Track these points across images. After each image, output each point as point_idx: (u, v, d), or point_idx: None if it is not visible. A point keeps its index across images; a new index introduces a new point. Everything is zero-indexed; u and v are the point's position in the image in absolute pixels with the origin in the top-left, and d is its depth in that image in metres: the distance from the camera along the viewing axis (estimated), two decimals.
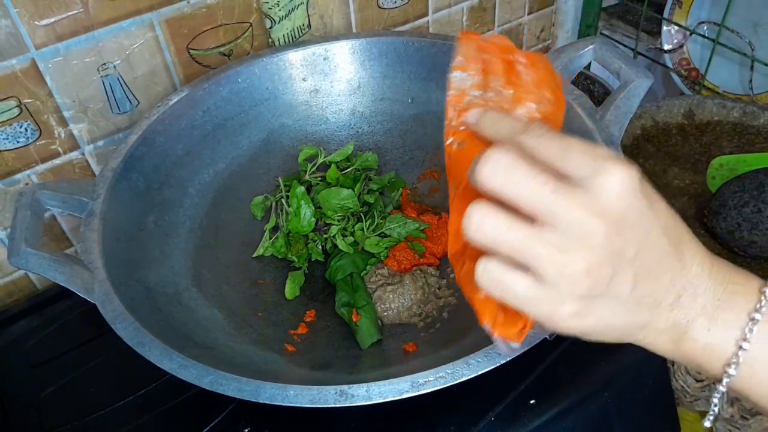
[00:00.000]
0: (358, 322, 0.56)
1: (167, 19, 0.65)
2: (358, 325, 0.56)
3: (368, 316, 0.57)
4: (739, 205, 0.66)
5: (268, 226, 0.66)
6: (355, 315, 0.57)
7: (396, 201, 0.68)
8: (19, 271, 0.71)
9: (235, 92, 0.69)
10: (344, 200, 0.65)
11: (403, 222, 0.64)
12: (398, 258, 0.62)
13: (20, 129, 0.63)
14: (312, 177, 0.69)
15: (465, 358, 0.42)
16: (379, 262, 0.63)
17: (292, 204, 0.64)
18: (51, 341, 0.65)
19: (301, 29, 0.76)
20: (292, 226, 0.64)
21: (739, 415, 0.55)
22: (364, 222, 0.64)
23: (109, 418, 0.56)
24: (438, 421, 0.51)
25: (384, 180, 0.69)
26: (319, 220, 0.65)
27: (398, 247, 0.63)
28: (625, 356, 0.56)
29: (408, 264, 0.62)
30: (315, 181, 0.68)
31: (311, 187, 0.68)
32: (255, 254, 0.65)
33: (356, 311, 0.57)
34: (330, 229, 0.65)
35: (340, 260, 0.62)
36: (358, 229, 0.64)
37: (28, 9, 0.57)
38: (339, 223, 0.65)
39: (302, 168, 0.70)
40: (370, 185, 0.69)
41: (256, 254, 0.65)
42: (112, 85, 0.66)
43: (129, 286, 0.51)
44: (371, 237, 0.63)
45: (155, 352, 0.44)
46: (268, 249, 0.65)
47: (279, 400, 0.41)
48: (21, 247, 0.50)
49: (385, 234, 0.64)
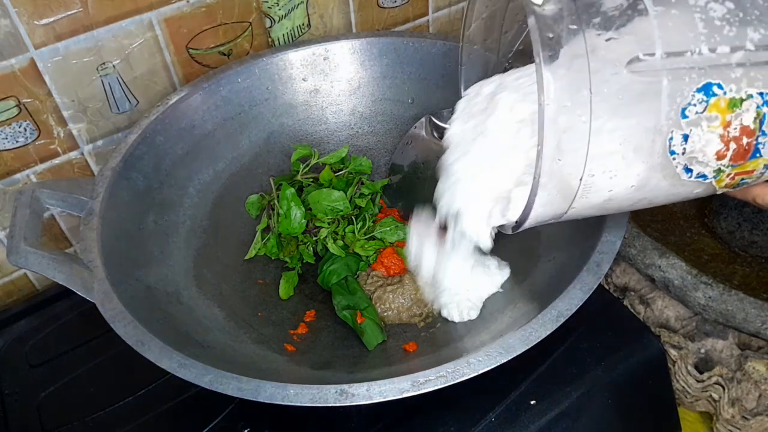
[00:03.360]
0: (362, 324, 0.56)
1: (166, 19, 0.65)
2: (363, 326, 0.56)
3: (372, 318, 0.56)
4: (740, 204, 0.66)
5: (260, 227, 0.66)
6: (360, 317, 0.56)
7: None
8: (18, 271, 0.71)
9: (235, 92, 0.69)
10: (335, 202, 0.65)
11: (394, 226, 0.63)
12: (386, 264, 0.62)
13: (19, 129, 0.63)
14: (304, 178, 0.68)
15: (465, 357, 0.42)
16: (367, 266, 0.63)
17: (282, 206, 0.64)
18: (51, 341, 0.65)
19: (300, 29, 0.76)
20: (282, 227, 0.64)
21: (740, 416, 0.55)
22: (355, 225, 0.64)
23: (109, 418, 0.56)
24: (438, 421, 0.51)
25: (377, 186, 0.69)
26: (310, 221, 0.65)
27: (386, 253, 0.63)
28: (626, 357, 0.56)
29: (397, 269, 0.62)
30: (307, 182, 0.68)
31: (303, 188, 0.68)
32: (247, 256, 0.65)
33: (360, 313, 0.57)
34: (320, 231, 0.64)
35: (332, 264, 0.61)
36: (348, 231, 0.64)
37: (27, 8, 0.57)
38: (329, 226, 0.64)
39: (294, 168, 0.70)
40: (363, 189, 0.68)
41: (248, 256, 0.65)
42: (112, 84, 0.66)
43: (128, 285, 0.51)
44: (361, 240, 0.63)
45: (155, 351, 0.44)
46: (260, 250, 0.65)
47: (279, 400, 0.41)
48: (20, 245, 0.50)
49: (375, 237, 0.64)
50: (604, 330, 0.57)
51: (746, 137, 0.39)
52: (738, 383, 0.55)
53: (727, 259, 0.64)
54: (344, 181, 0.68)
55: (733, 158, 0.40)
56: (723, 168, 0.40)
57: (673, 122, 0.38)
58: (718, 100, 0.38)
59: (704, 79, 0.38)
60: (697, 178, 0.40)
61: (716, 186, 0.41)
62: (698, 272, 0.56)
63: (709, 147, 0.39)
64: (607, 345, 0.56)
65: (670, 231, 0.66)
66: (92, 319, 0.47)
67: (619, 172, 0.39)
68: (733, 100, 0.38)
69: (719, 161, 0.40)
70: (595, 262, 0.47)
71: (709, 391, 0.56)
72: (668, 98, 0.37)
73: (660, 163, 0.39)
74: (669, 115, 0.38)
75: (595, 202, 0.40)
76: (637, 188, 0.40)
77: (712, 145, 0.39)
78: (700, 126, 0.38)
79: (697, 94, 0.38)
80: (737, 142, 0.39)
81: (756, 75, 0.38)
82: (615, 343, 0.56)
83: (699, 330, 0.58)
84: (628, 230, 0.59)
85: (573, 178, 0.38)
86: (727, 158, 0.40)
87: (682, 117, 0.38)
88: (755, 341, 0.57)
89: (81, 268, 0.49)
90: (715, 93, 0.38)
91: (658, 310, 0.60)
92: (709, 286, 0.55)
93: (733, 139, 0.39)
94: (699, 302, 0.55)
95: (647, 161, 0.39)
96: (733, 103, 0.38)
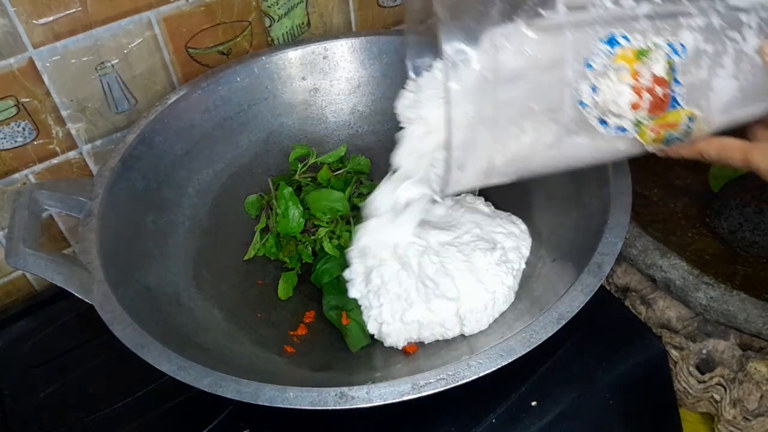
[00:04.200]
0: (347, 325, 0.55)
1: (166, 18, 0.65)
2: (348, 328, 0.55)
3: (357, 320, 0.56)
4: (741, 205, 0.65)
5: (259, 227, 0.66)
6: (345, 318, 0.56)
7: None
8: (16, 272, 0.71)
9: (234, 91, 0.68)
10: (334, 202, 0.64)
11: None
12: None
13: (18, 128, 0.62)
14: (302, 177, 0.68)
15: (466, 359, 0.41)
16: None
17: (280, 205, 0.64)
18: (50, 342, 0.65)
19: (300, 28, 0.76)
20: (281, 227, 0.64)
21: (741, 417, 0.54)
22: (352, 225, 0.64)
23: (109, 418, 0.56)
24: (439, 423, 0.51)
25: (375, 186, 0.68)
26: (308, 221, 0.65)
27: None
28: (627, 357, 0.55)
29: None
30: (305, 182, 0.68)
31: (301, 187, 0.67)
32: (246, 256, 0.64)
33: (346, 314, 0.56)
34: (318, 230, 0.64)
35: (326, 263, 0.61)
36: (345, 231, 0.64)
37: (26, 8, 0.57)
38: (328, 225, 0.64)
39: (293, 167, 0.69)
40: (361, 188, 0.68)
41: (247, 257, 0.64)
42: (110, 84, 0.66)
43: (127, 286, 0.51)
44: None
45: (154, 354, 0.44)
46: (260, 250, 0.65)
47: (279, 402, 0.40)
48: (19, 247, 0.50)
49: None
50: (605, 331, 0.57)
51: (660, 87, 0.40)
52: (739, 384, 0.55)
53: (728, 259, 0.64)
54: (342, 181, 0.68)
55: (651, 109, 0.40)
56: (642, 120, 0.41)
57: (579, 74, 0.39)
58: (625, 50, 0.39)
59: (609, 30, 0.38)
60: (617, 131, 0.41)
61: (641, 140, 0.42)
62: (700, 272, 0.55)
63: (622, 98, 0.39)
64: (608, 346, 0.56)
65: (671, 231, 0.66)
66: (91, 319, 0.47)
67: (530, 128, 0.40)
68: (641, 50, 0.39)
69: (636, 112, 0.40)
70: (596, 263, 0.46)
71: (711, 392, 0.56)
72: (573, 51, 0.39)
73: (572, 117, 0.40)
74: (575, 67, 0.39)
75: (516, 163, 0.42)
76: (555, 144, 0.41)
77: (625, 96, 0.39)
78: (608, 77, 0.39)
79: (602, 45, 0.38)
80: (651, 92, 0.40)
81: (663, 25, 0.39)
82: (616, 343, 0.56)
83: (700, 330, 0.58)
84: (630, 230, 0.59)
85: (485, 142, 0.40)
86: (643, 109, 0.40)
87: (587, 68, 0.39)
88: (757, 342, 0.57)
89: (80, 270, 0.49)
90: (621, 44, 0.39)
91: (660, 310, 0.60)
92: (711, 286, 0.54)
93: (646, 89, 0.39)
94: (700, 303, 0.55)
95: (558, 116, 0.40)
96: (641, 53, 0.39)
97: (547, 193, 0.61)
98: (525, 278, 0.56)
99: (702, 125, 0.42)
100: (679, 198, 0.71)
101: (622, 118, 0.40)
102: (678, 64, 0.39)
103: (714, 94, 0.41)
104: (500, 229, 0.58)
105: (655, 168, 0.74)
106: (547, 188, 0.61)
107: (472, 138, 0.40)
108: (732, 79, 0.40)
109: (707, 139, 0.44)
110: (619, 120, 0.40)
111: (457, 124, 0.38)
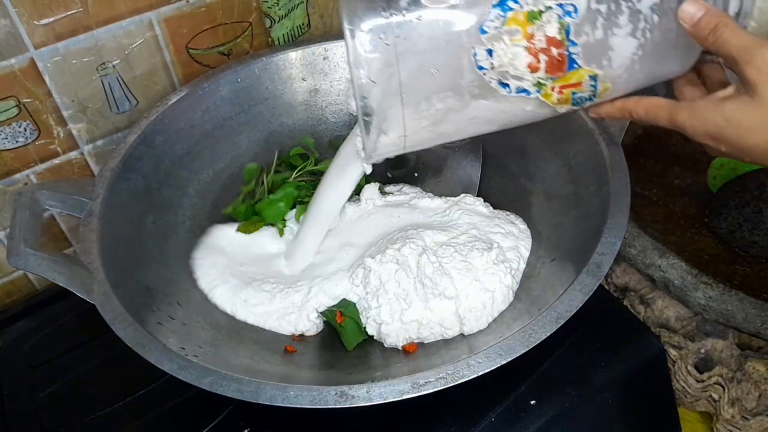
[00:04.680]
0: (342, 323, 0.55)
1: (166, 18, 0.65)
2: (343, 326, 0.55)
3: (353, 317, 0.56)
4: (740, 205, 0.66)
5: (246, 189, 0.67)
6: (339, 316, 0.56)
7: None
8: (17, 272, 0.71)
9: (235, 92, 0.68)
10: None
11: None
12: None
13: (19, 129, 0.63)
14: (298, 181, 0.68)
15: (465, 358, 0.42)
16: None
17: (276, 193, 0.65)
18: (50, 341, 0.65)
19: (300, 28, 0.76)
20: (263, 207, 0.65)
21: (740, 416, 0.55)
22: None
23: (109, 418, 0.56)
24: (438, 422, 0.51)
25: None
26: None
27: None
28: (626, 357, 0.56)
29: None
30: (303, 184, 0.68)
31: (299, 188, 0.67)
32: (224, 211, 0.66)
33: (340, 313, 0.56)
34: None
35: None
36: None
37: (27, 8, 0.57)
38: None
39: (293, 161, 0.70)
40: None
41: (224, 211, 0.66)
42: (111, 84, 0.66)
43: (128, 286, 0.51)
44: None
45: (155, 353, 0.44)
46: (236, 210, 0.66)
47: (279, 401, 0.41)
48: (20, 247, 0.50)
49: None
50: (604, 330, 0.57)
51: (555, 48, 0.40)
52: (738, 383, 0.55)
53: (727, 259, 0.64)
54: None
55: (549, 70, 0.41)
56: (543, 81, 0.41)
57: (474, 38, 0.40)
58: (516, 14, 0.40)
59: None
60: (519, 93, 0.42)
61: (547, 102, 0.43)
62: (698, 272, 0.56)
63: (518, 60, 0.40)
64: (607, 345, 0.56)
65: (670, 231, 0.66)
66: (92, 319, 0.47)
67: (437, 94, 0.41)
68: (532, 13, 0.40)
69: (535, 74, 0.41)
70: (594, 263, 0.46)
71: (709, 391, 0.56)
72: (466, 18, 0.40)
73: (473, 81, 0.41)
74: (470, 32, 0.40)
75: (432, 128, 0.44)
76: (462, 108, 0.42)
77: (521, 58, 0.40)
78: (501, 40, 0.40)
79: (494, 10, 0.40)
80: (546, 53, 0.40)
81: None
82: (615, 343, 0.56)
83: (699, 330, 0.58)
84: (629, 230, 0.59)
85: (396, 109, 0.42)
86: (541, 70, 0.41)
87: (481, 33, 0.40)
88: (755, 341, 0.57)
89: (81, 270, 0.49)
90: (511, 7, 0.40)
91: (658, 310, 0.60)
92: (710, 286, 0.55)
93: (541, 50, 0.40)
94: (699, 302, 0.55)
95: (461, 80, 0.41)
96: (532, 16, 0.40)
97: (546, 193, 0.61)
98: (524, 278, 0.56)
99: (607, 84, 0.42)
100: (678, 198, 0.71)
101: (521, 80, 0.41)
102: (571, 24, 0.40)
103: (615, 53, 0.41)
104: (498, 230, 0.58)
105: (654, 168, 0.74)
106: (547, 188, 0.61)
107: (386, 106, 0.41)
108: (630, 38, 0.41)
109: (637, 99, 0.44)
110: (519, 82, 0.41)
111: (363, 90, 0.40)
